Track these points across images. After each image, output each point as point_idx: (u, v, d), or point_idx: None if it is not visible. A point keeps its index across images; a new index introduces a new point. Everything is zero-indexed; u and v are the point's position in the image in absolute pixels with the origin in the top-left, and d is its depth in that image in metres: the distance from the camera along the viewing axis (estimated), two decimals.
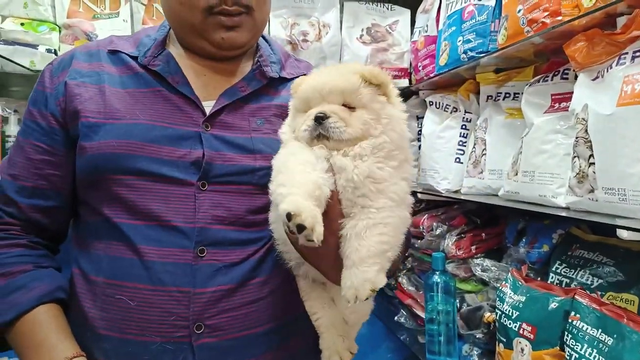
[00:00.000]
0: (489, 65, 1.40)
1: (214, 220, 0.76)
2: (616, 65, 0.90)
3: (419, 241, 1.74)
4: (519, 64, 1.36)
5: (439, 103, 1.64)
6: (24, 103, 1.74)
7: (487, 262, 1.54)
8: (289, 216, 0.59)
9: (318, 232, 0.60)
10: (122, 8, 1.66)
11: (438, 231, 1.64)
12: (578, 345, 1.02)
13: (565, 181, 1.02)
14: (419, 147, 1.74)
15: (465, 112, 1.54)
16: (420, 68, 1.65)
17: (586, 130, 0.92)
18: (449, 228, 1.64)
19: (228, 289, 0.75)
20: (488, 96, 1.46)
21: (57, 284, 0.79)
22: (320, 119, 0.68)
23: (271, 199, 0.69)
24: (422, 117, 1.77)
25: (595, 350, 0.98)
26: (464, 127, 1.54)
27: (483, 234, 1.62)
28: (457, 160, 1.54)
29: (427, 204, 1.86)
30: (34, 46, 1.56)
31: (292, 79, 0.90)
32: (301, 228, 0.59)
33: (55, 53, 1.61)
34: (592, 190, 0.92)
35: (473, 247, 1.60)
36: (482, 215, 1.67)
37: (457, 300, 1.55)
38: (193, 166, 0.77)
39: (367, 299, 0.64)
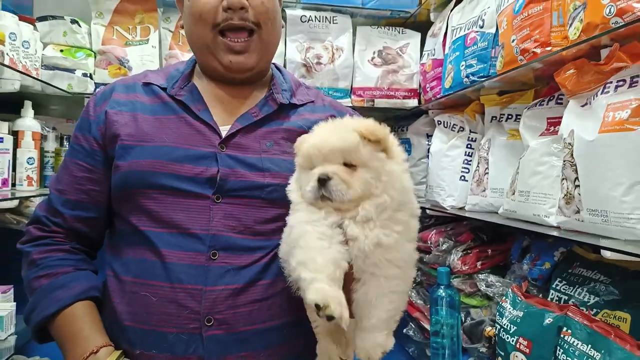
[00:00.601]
0: (493, 87, 1.47)
1: (226, 228, 0.85)
2: (601, 93, 0.96)
3: (427, 256, 1.79)
4: (521, 87, 1.42)
5: (447, 122, 1.70)
6: (62, 121, 1.91)
7: (492, 278, 1.58)
8: (317, 307, 0.65)
9: (345, 319, 0.66)
10: (152, 35, 1.80)
11: (444, 246, 1.69)
12: None
13: (557, 202, 1.07)
14: (428, 164, 1.80)
15: (471, 131, 1.60)
16: (428, 89, 1.72)
17: (572, 155, 0.98)
18: (456, 244, 1.69)
19: (235, 289, 0.83)
20: (492, 117, 1.51)
21: (93, 284, 0.89)
22: (323, 181, 0.71)
23: (292, 275, 0.75)
24: (432, 135, 1.84)
25: None
26: (469, 146, 1.59)
27: (489, 250, 1.66)
28: (462, 178, 1.59)
29: (437, 219, 1.91)
30: (72, 70, 1.71)
31: (302, 105, 1.00)
32: (331, 318, 0.65)
33: (91, 77, 1.76)
34: (578, 211, 0.97)
35: (479, 263, 1.63)
36: (489, 232, 1.71)
37: (463, 315, 1.59)
38: (209, 182, 0.87)
39: (379, 358, 0.73)
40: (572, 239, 0.99)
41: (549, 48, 1.03)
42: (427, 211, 1.82)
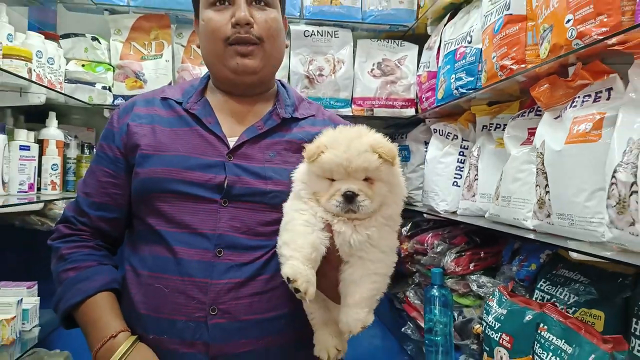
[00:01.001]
0: (483, 98, 1.55)
1: (231, 229, 0.95)
2: (570, 107, 1.04)
3: (424, 257, 1.88)
4: (509, 98, 1.50)
5: (442, 131, 1.79)
6: (83, 129, 2.05)
7: (484, 279, 1.66)
8: (288, 280, 0.77)
9: (310, 294, 0.78)
10: (166, 50, 1.93)
11: (439, 249, 1.77)
12: (544, 354, 1.13)
13: (533, 206, 1.15)
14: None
15: (463, 139, 1.68)
16: (424, 99, 1.81)
17: (543, 163, 1.06)
18: (450, 246, 1.77)
19: (237, 282, 0.93)
20: (483, 126, 1.60)
21: (113, 277, 1.00)
22: (350, 197, 0.79)
23: (277, 251, 0.86)
24: (429, 143, 1.92)
25: (558, 358, 1.10)
26: (461, 153, 1.68)
27: (482, 253, 1.73)
28: (455, 183, 1.67)
29: (435, 223, 2.00)
30: (92, 84, 1.85)
31: (303, 118, 1.09)
32: (297, 291, 0.78)
33: (109, 89, 1.89)
34: (549, 215, 1.06)
35: (471, 265, 1.71)
36: (482, 235, 1.79)
37: (456, 313, 1.67)
38: (217, 188, 0.96)
39: (359, 332, 0.83)
40: (544, 241, 1.07)
41: (524, 65, 1.11)
42: (424, 215, 1.91)
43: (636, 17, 0.78)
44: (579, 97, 1.03)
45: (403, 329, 1.98)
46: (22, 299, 1.56)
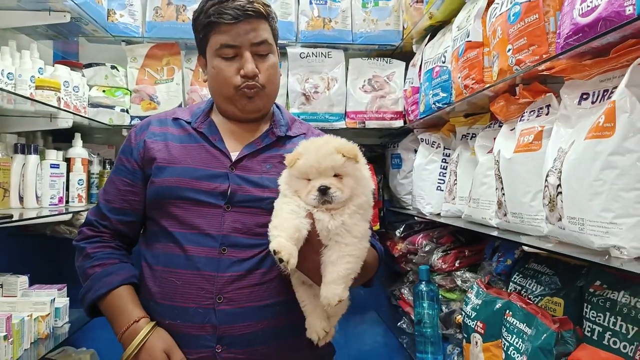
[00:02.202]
0: (460, 111, 1.72)
1: (233, 230, 1.11)
2: (519, 121, 1.21)
3: (416, 257, 2.04)
4: (482, 110, 1.66)
5: (427, 140, 1.96)
6: (104, 147, 2.27)
7: (467, 274, 1.81)
8: (274, 252, 0.91)
9: (292, 263, 0.93)
10: (176, 74, 2.14)
11: (427, 248, 1.93)
12: (509, 336, 1.28)
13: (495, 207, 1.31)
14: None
15: (445, 148, 1.85)
16: (410, 112, 1.99)
17: (499, 169, 1.23)
18: (437, 245, 1.93)
19: (239, 275, 1.08)
20: (462, 135, 1.76)
21: (133, 273, 1.14)
22: (323, 190, 0.96)
23: (268, 233, 1.01)
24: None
25: (520, 340, 1.25)
26: (444, 160, 1.84)
27: (466, 251, 1.88)
28: (439, 188, 1.84)
29: (426, 224, 2.16)
30: (112, 107, 2.07)
31: (296, 136, 1.25)
32: (281, 260, 0.93)
33: (127, 111, 2.11)
34: (505, 214, 1.22)
35: (457, 262, 1.86)
36: (468, 234, 1.94)
37: (444, 307, 1.82)
38: (221, 195, 1.12)
39: (336, 305, 0.98)
40: (503, 237, 1.23)
41: (482, 84, 1.28)
42: (415, 218, 2.07)
43: (556, 49, 0.95)
44: (526, 112, 1.20)
45: (398, 324, 2.14)
46: (54, 299, 1.76)
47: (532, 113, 1.17)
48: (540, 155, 1.08)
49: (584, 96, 0.99)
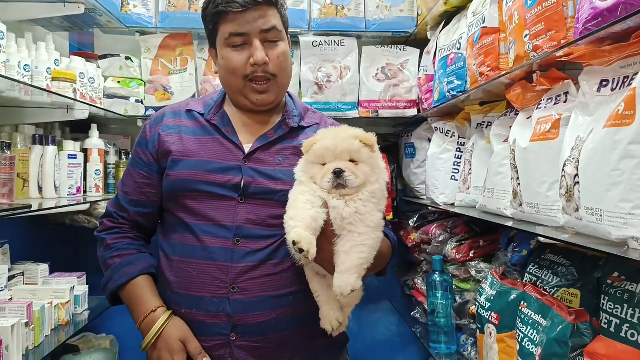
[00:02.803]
0: (476, 99, 1.69)
1: (247, 222, 1.12)
2: (536, 109, 1.18)
3: (429, 247, 2.03)
4: (498, 98, 1.63)
5: (442, 129, 1.93)
6: (120, 137, 2.31)
7: (482, 265, 1.79)
8: (294, 243, 0.94)
9: (312, 253, 0.93)
10: (189, 64, 2.15)
11: (441, 238, 1.92)
12: (524, 327, 1.27)
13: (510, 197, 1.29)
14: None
15: (460, 137, 1.82)
16: (424, 100, 1.96)
17: (514, 158, 1.20)
18: (451, 235, 1.91)
19: (252, 265, 1.09)
20: (478, 124, 1.73)
21: (151, 264, 1.17)
22: (337, 173, 0.97)
23: (285, 225, 1.02)
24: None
25: (535, 331, 1.24)
26: (458, 149, 1.82)
27: (481, 241, 1.86)
28: (453, 177, 1.82)
29: (440, 214, 2.14)
30: (127, 98, 2.09)
31: (309, 126, 1.25)
32: (301, 251, 0.93)
33: (142, 102, 2.13)
34: (521, 204, 1.20)
35: (471, 252, 1.85)
36: (483, 224, 1.91)
37: (458, 297, 1.81)
38: (235, 187, 1.13)
39: (349, 294, 0.98)
40: (518, 228, 1.21)
41: (498, 71, 1.25)
42: (429, 208, 2.06)
43: (575, 34, 0.92)
44: (543, 99, 1.17)
45: (412, 313, 2.14)
46: (74, 286, 1.81)
47: (549, 101, 1.14)
48: (558, 144, 1.05)
49: (604, 83, 0.96)
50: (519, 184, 1.19)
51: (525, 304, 1.30)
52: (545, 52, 1.01)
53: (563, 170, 0.99)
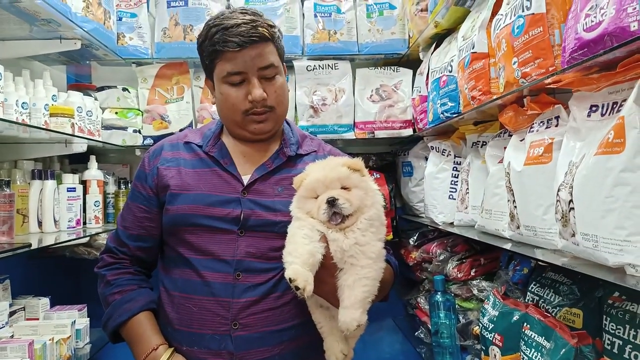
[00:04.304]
0: (470, 119, 1.70)
1: (247, 255, 1.12)
2: (529, 132, 1.19)
3: (430, 265, 2.02)
4: (491, 117, 1.64)
5: (438, 147, 1.94)
6: (119, 166, 2.31)
7: (484, 283, 1.79)
8: (290, 280, 0.92)
9: (308, 291, 0.93)
10: (186, 93, 2.17)
11: (442, 257, 1.92)
12: (528, 350, 1.26)
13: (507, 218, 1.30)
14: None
15: (456, 156, 1.83)
16: (418, 120, 1.97)
17: (509, 181, 1.21)
18: (452, 254, 1.91)
19: (254, 300, 1.09)
20: (473, 143, 1.74)
21: (152, 299, 1.16)
22: (331, 202, 0.97)
23: (283, 260, 1.01)
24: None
25: (539, 354, 1.23)
26: (455, 168, 1.83)
27: (482, 259, 1.86)
28: (451, 197, 1.82)
29: (440, 232, 2.14)
30: (124, 128, 2.11)
31: (307, 154, 1.25)
32: (297, 288, 0.93)
33: (139, 132, 2.15)
34: (518, 227, 1.20)
35: (472, 271, 1.84)
36: (483, 242, 1.91)
37: (461, 317, 1.80)
38: (234, 220, 1.13)
39: (354, 330, 0.98)
40: (516, 251, 1.21)
41: (490, 95, 1.27)
42: (429, 227, 2.06)
43: (562, 62, 0.94)
44: (535, 123, 1.18)
45: (416, 333, 2.12)
46: (75, 320, 1.80)
47: (541, 124, 1.15)
48: (551, 168, 1.06)
49: (593, 108, 0.97)
50: (515, 206, 1.20)
51: (528, 325, 1.29)
52: (534, 80, 1.03)
53: (557, 194, 0.99)
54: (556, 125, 1.10)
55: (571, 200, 0.94)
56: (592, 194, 0.87)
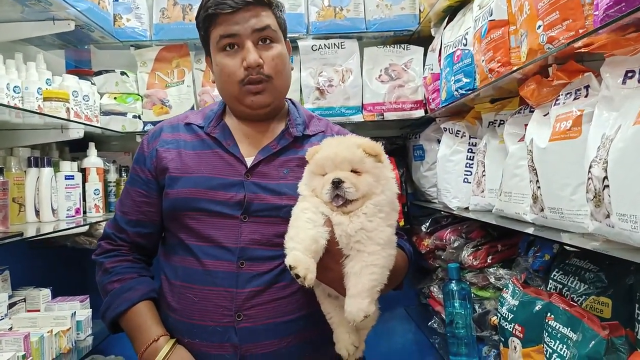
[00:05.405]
0: (486, 96, 1.59)
1: (251, 242, 1.05)
2: (554, 105, 1.09)
3: (444, 252, 1.93)
4: (510, 94, 1.53)
5: (451, 129, 1.84)
6: (120, 154, 2.25)
7: (501, 271, 1.69)
8: (290, 267, 0.87)
9: (309, 279, 0.86)
10: (187, 76, 2.09)
11: (456, 244, 1.83)
12: (552, 342, 1.17)
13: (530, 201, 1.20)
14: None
15: (471, 137, 1.73)
16: (431, 100, 1.87)
17: (532, 160, 1.11)
18: (467, 240, 1.82)
19: (259, 290, 1.03)
20: (489, 122, 1.64)
21: (152, 288, 1.11)
22: (336, 183, 0.90)
23: (284, 245, 0.95)
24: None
25: (564, 346, 1.14)
26: (470, 150, 1.72)
27: (499, 246, 1.77)
28: (466, 180, 1.72)
29: (454, 218, 2.04)
30: (124, 114, 2.03)
31: (314, 135, 1.18)
32: (297, 276, 0.87)
33: (139, 117, 2.07)
34: (542, 209, 1.11)
35: (489, 258, 1.75)
36: (499, 228, 1.81)
37: (477, 306, 1.72)
38: (238, 205, 1.06)
39: (362, 321, 0.90)
40: (539, 235, 1.12)
41: (510, 67, 1.16)
42: (442, 212, 1.96)
43: (594, 22, 0.83)
44: (561, 95, 1.07)
45: (429, 323, 2.04)
46: (75, 312, 1.75)
47: (568, 96, 1.05)
48: (581, 143, 0.96)
49: (629, 74, 0.87)
50: (538, 187, 1.10)
51: (552, 315, 1.20)
52: (561, 44, 0.92)
53: (589, 172, 0.89)
54: (586, 96, 1.00)
55: (605, 177, 0.84)
56: (630, 169, 0.77)
